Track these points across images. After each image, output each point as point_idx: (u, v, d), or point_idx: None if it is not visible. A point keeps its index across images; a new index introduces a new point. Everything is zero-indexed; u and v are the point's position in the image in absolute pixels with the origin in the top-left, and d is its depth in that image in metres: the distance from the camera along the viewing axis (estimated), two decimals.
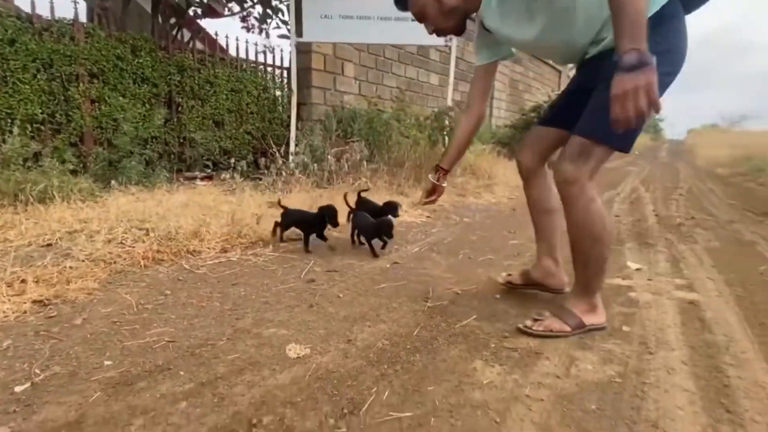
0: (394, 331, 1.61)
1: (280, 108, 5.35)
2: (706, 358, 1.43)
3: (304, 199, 3.52)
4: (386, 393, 1.22)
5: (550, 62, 13.32)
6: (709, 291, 2.09)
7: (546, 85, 12.80)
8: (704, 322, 1.72)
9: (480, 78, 1.68)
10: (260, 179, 4.12)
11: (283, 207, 2.64)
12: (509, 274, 2.07)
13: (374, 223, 2.43)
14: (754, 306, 1.88)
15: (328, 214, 2.45)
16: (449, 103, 5.24)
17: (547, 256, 1.85)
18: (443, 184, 1.90)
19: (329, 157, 4.18)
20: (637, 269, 2.47)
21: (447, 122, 4.92)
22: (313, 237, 2.55)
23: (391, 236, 2.39)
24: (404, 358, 1.42)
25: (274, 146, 4.47)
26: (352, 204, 2.97)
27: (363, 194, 2.96)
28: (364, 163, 4.29)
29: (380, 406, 1.16)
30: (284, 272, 2.22)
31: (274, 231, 2.68)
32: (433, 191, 1.91)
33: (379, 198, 3.19)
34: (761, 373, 1.33)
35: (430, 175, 1.90)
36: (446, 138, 4.99)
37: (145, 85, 4.31)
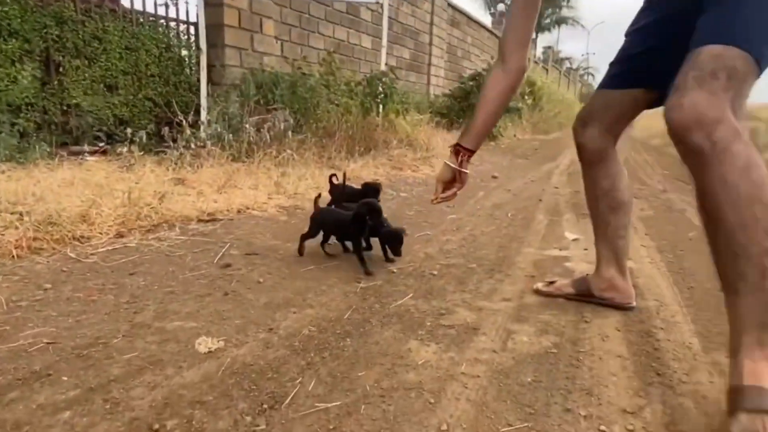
0: (323, 316, 1.58)
1: (188, 70, 5.00)
2: (639, 323, 1.56)
3: (218, 174, 3.35)
4: (312, 383, 1.20)
5: (489, 26, 13.66)
6: (642, 258, 2.28)
7: (485, 51, 13.15)
8: (637, 288, 1.87)
9: (519, 15, 1.26)
10: (165, 153, 3.85)
11: (317, 207, 2.15)
12: (551, 282, 1.74)
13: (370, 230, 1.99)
14: (683, 271, 2.08)
15: (369, 209, 1.95)
16: (383, 67, 5.20)
17: (611, 263, 1.54)
18: (466, 170, 1.47)
19: (247, 126, 4.00)
20: (574, 239, 2.64)
21: (381, 89, 4.89)
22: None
23: (399, 254, 2.08)
24: (333, 344, 1.40)
25: (180, 114, 4.18)
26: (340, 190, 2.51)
27: (335, 179, 2.55)
28: (289, 133, 4.16)
29: (305, 398, 1.14)
30: (194, 258, 2.10)
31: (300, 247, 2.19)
32: (453, 181, 1.51)
33: (309, 175, 3.11)
34: (689, 335, 1.48)
35: (447, 160, 1.49)
36: (380, 106, 4.97)
37: (13, 40, 3.82)
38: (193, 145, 3.87)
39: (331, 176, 2.67)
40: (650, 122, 13.57)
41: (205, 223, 2.60)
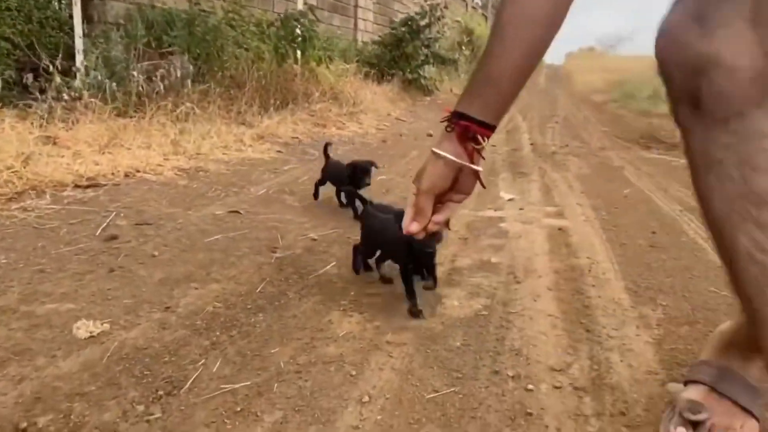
0: (231, 291, 1.55)
1: (56, 3, 4.52)
2: (570, 282, 1.68)
3: (99, 131, 3.11)
4: (217, 364, 1.18)
5: None
6: (577, 216, 2.44)
7: None
8: (570, 247, 2.01)
9: None
10: (30, 106, 3.50)
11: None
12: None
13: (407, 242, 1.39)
14: (616, 228, 2.25)
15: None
16: (300, 7, 5.02)
17: None
18: (478, 167, 0.88)
19: (135, 74, 3.72)
20: (510, 199, 2.77)
21: (298, 31, 4.72)
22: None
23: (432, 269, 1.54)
24: (243, 321, 1.38)
25: (47, 59, 3.80)
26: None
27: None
28: (188, 83, 3.93)
29: (209, 380, 1.12)
30: (71, 230, 1.96)
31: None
32: (451, 188, 0.89)
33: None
34: (618, 291, 1.61)
35: (437, 148, 0.86)
36: (298, 52, 4.81)
37: None
38: (66, 97, 3.54)
39: (326, 146, 2.60)
40: (591, 77, 14.37)
41: (83, 190, 2.41)
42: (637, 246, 2.01)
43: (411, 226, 0.92)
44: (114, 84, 3.70)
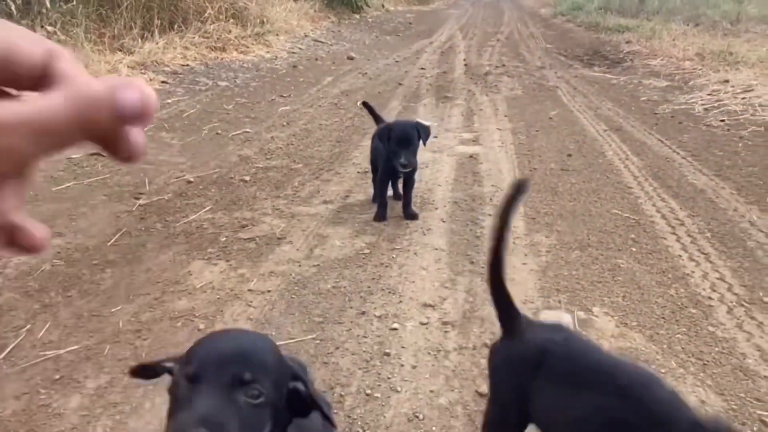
0: (77, 246, 1.48)
1: None
2: (467, 212, 1.71)
3: None
4: (45, 329, 1.14)
5: None
6: (493, 142, 2.47)
7: None
8: (478, 175, 2.04)
9: None
10: None
11: None
12: None
13: None
14: (531, 153, 2.30)
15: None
16: None
17: None
18: None
19: None
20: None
21: None
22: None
23: None
24: (87, 279, 1.33)
25: None
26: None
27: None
28: (47, 1, 3.60)
29: (30, 348, 1.08)
30: None
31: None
32: None
33: None
34: (516, 219, 1.66)
35: None
36: None
37: None
38: None
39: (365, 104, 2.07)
40: None
41: None
42: (548, 170, 2.07)
43: None
44: None
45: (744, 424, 0.93)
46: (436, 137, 2.55)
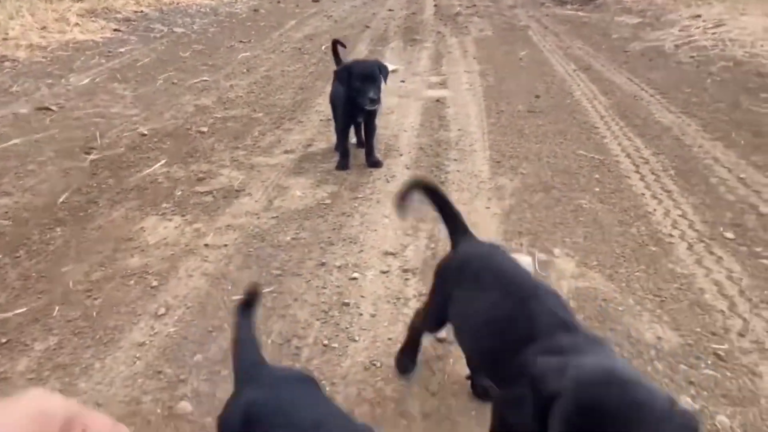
0: (24, 205, 1.43)
1: None
2: (432, 158, 1.68)
3: None
4: None
5: None
6: (461, 85, 2.42)
7: None
8: (444, 119, 2.00)
9: None
10: None
11: None
12: None
13: None
14: (498, 95, 2.26)
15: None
16: None
17: None
18: None
19: None
20: (393, 70, 2.69)
21: None
22: None
23: None
24: (35, 239, 1.29)
25: None
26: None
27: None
28: None
29: None
30: None
31: None
32: None
33: None
34: (480, 163, 1.64)
35: None
36: None
37: None
38: None
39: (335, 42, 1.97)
40: None
41: None
42: (515, 112, 2.04)
43: None
44: None
45: (699, 358, 0.94)
46: (403, 82, 2.49)
